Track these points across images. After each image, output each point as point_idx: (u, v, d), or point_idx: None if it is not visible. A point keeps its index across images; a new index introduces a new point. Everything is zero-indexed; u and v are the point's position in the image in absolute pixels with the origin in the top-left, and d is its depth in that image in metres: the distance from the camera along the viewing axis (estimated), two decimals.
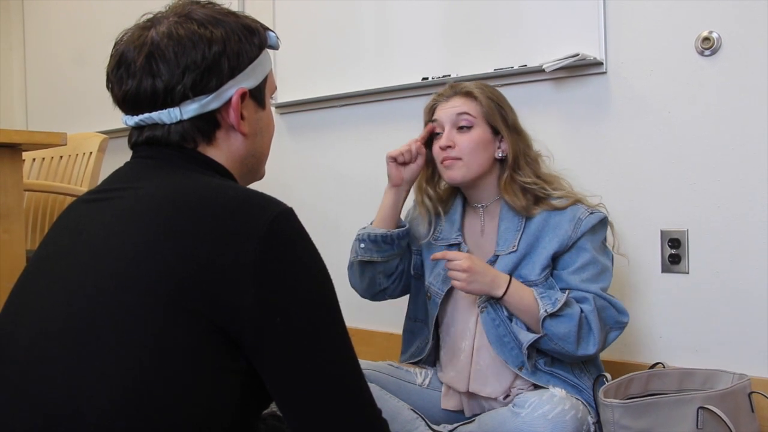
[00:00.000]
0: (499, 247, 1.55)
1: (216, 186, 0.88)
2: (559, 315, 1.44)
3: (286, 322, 0.81)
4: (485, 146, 1.55)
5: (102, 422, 0.75)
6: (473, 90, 1.57)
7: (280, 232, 0.82)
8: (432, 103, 1.63)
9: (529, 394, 1.41)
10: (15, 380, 0.80)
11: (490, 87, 1.61)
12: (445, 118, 1.56)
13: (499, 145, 1.57)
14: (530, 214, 1.54)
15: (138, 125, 0.94)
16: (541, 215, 1.53)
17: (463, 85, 1.59)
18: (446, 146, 1.54)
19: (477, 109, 1.55)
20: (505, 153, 1.56)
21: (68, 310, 0.81)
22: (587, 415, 1.41)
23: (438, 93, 1.63)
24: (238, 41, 0.94)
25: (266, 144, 1.04)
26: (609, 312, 1.49)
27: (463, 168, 1.54)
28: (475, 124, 1.54)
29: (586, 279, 1.49)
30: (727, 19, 1.74)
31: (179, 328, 0.78)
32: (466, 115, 1.54)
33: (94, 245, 0.85)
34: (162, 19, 0.94)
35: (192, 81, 0.90)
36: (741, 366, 1.62)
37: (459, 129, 1.55)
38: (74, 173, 2.44)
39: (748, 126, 1.73)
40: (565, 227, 1.50)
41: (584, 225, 1.50)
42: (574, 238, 1.50)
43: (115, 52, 0.94)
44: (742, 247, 1.75)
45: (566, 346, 1.44)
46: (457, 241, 1.62)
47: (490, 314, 1.51)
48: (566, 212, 1.52)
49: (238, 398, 0.82)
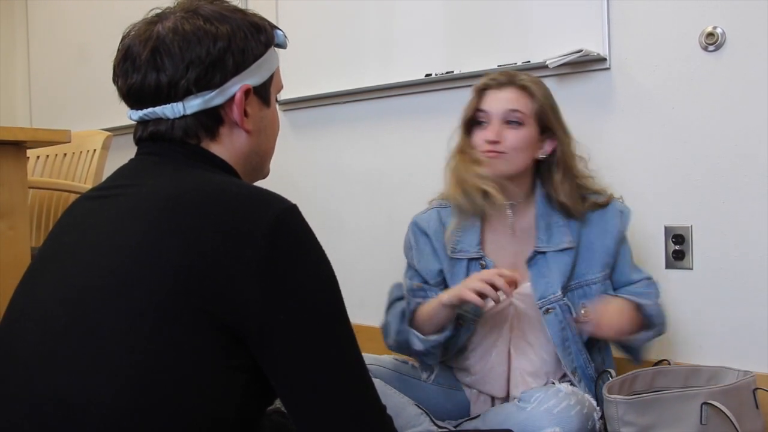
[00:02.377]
0: (542, 242, 1.52)
1: (220, 183, 0.89)
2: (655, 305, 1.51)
3: (290, 318, 0.81)
4: (531, 145, 1.51)
5: (107, 418, 0.75)
6: (530, 85, 1.51)
7: (284, 229, 0.82)
8: (483, 86, 1.54)
9: (535, 389, 1.41)
10: (20, 377, 0.81)
11: (542, 83, 1.56)
12: (496, 110, 1.50)
13: (542, 145, 1.53)
14: (580, 212, 1.54)
15: (142, 119, 0.94)
16: (591, 213, 1.54)
17: (520, 77, 1.52)
18: (494, 141, 1.48)
19: (530, 106, 1.50)
20: (547, 153, 1.53)
21: (73, 306, 0.82)
22: (593, 411, 1.41)
23: (491, 76, 1.54)
24: (243, 38, 0.94)
25: (271, 142, 1.04)
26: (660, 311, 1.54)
27: (506, 164, 1.49)
28: (525, 122, 1.49)
29: (636, 268, 1.58)
30: (731, 15, 1.73)
31: (184, 325, 0.78)
32: (518, 113, 1.49)
33: (98, 242, 0.86)
34: (169, 14, 0.94)
35: (196, 76, 0.90)
36: (746, 362, 1.62)
37: (507, 123, 1.49)
38: (78, 170, 2.44)
39: (752, 121, 1.72)
40: (615, 222, 1.54)
41: (627, 217, 1.56)
42: (623, 231, 1.55)
43: (122, 45, 0.95)
44: (747, 243, 1.74)
45: (662, 328, 1.54)
46: (477, 255, 1.55)
47: (557, 316, 1.49)
48: (609, 208, 1.55)
49: (242, 395, 0.82)
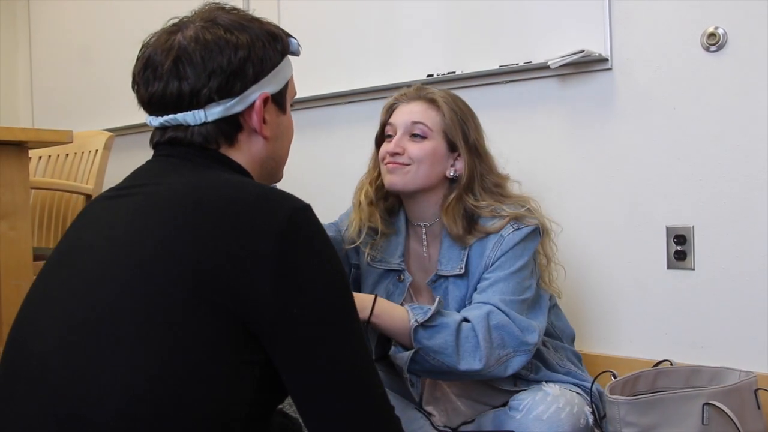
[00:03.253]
0: (441, 266, 1.46)
1: (236, 182, 0.91)
2: (431, 325, 1.30)
3: (302, 314, 0.82)
4: (437, 160, 1.44)
5: (123, 413, 0.76)
6: (438, 98, 1.46)
7: (298, 228, 0.85)
8: (393, 101, 1.52)
9: (523, 395, 1.39)
10: (36, 372, 0.82)
11: (461, 100, 1.50)
12: (400, 123, 1.46)
13: (453, 163, 1.46)
14: (465, 243, 1.43)
15: (162, 126, 0.96)
16: (477, 241, 1.43)
17: (430, 91, 1.49)
18: (394, 152, 1.44)
19: (436, 120, 1.45)
20: (458, 173, 1.45)
21: (90, 302, 0.83)
22: (584, 407, 1.39)
23: (401, 92, 1.52)
24: (262, 47, 0.97)
25: (286, 148, 1.07)
26: (508, 330, 1.33)
27: (408, 175, 1.43)
28: (429, 136, 1.44)
29: (494, 291, 1.38)
30: (732, 15, 1.73)
31: (200, 321, 0.80)
32: (421, 125, 1.44)
33: (116, 240, 0.87)
34: (188, 23, 0.96)
35: (218, 84, 0.93)
36: (747, 362, 1.62)
37: (412, 137, 1.45)
38: (80, 171, 2.44)
39: (753, 122, 1.72)
40: (489, 248, 1.41)
41: (505, 243, 1.40)
42: (493, 259, 1.40)
43: (142, 54, 0.97)
44: (749, 243, 1.74)
45: (445, 359, 1.30)
46: (399, 267, 1.51)
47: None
48: (491, 236, 1.41)
49: (255, 391, 0.84)
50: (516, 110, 1.59)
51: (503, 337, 1.33)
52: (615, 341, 1.93)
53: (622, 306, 1.92)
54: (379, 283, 1.54)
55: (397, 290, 1.52)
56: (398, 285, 1.52)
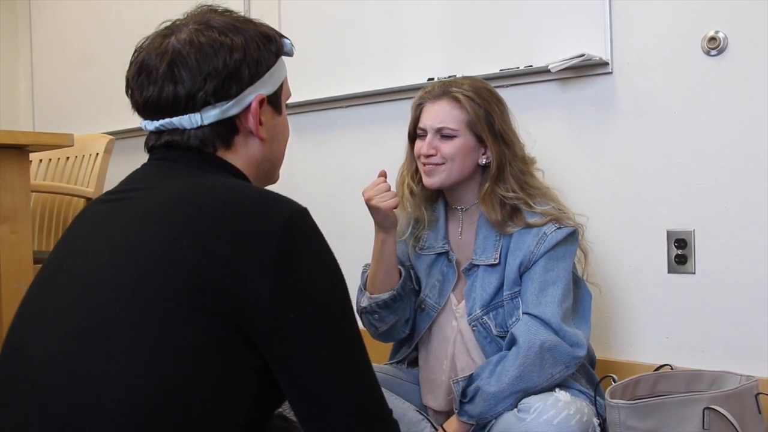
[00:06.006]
0: (477, 256, 1.53)
1: (233, 186, 0.91)
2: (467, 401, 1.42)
3: (299, 318, 0.82)
4: (468, 153, 1.51)
5: (121, 418, 0.76)
6: (460, 96, 1.50)
7: (295, 231, 0.85)
8: (419, 100, 1.58)
9: (534, 399, 1.39)
10: (33, 379, 0.81)
11: (485, 89, 1.55)
12: (428, 126, 1.52)
13: (485, 151, 1.53)
14: (504, 231, 1.50)
15: (158, 130, 0.96)
16: (518, 231, 1.49)
17: (453, 87, 1.53)
18: (428, 154, 1.51)
19: (461, 118, 1.50)
20: (489, 159, 1.52)
21: (87, 309, 0.82)
22: (593, 417, 1.40)
23: (427, 89, 1.57)
24: (257, 49, 0.96)
25: (282, 149, 1.07)
26: (560, 350, 1.41)
27: (444, 173, 1.51)
28: (458, 134, 1.50)
29: (544, 302, 1.43)
30: (733, 19, 1.74)
31: (198, 326, 0.79)
32: (447, 129, 1.50)
33: (112, 244, 0.87)
34: (182, 26, 0.96)
35: (213, 87, 0.92)
36: (748, 367, 1.62)
37: (442, 137, 1.51)
38: (81, 174, 2.44)
39: (754, 126, 1.72)
40: (529, 242, 1.46)
41: (548, 241, 1.45)
42: (538, 255, 1.45)
43: (136, 59, 0.96)
44: (749, 248, 1.74)
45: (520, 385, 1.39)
46: (443, 249, 1.58)
47: (481, 333, 1.50)
48: (533, 229, 1.47)
49: (253, 396, 0.83)
50: (516, 114, 1.59)
51: (555, 357, 1.41)
52: (615, 345, 1.93)
53: (623, 310, 1.92)
54: (433, 268, 1.61)
55: (450, 270, 1.58)
56: (450, 266, 1.58)
